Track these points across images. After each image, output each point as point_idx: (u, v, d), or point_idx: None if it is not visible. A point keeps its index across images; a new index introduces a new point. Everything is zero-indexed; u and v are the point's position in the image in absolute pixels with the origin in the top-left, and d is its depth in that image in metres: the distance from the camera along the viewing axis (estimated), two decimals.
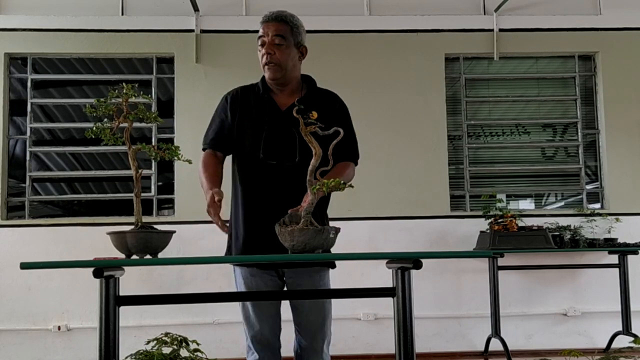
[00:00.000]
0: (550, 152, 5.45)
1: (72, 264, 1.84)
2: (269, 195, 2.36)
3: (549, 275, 4.95)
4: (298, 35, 2.44)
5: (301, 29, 2.46)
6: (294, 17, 2.46)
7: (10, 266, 4.57)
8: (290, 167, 2.35)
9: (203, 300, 2.14)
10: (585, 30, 5.27)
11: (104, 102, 1.82)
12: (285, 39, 2.39)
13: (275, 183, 2.36)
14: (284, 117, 2.40)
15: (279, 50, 2.38)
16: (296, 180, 2.26)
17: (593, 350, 4.66)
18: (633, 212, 5.06)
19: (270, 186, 2.37)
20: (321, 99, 2.50)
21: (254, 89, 2.51)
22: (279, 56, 2.38)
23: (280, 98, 2.46)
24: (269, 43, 2.38)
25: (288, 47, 2.40)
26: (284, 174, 2.36)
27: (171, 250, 2.35)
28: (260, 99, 2.45)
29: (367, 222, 4.92)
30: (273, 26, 2.40)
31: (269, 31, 2.39)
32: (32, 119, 5.08)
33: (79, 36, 5.03)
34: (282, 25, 2.40)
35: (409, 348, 1.69)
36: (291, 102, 2.42)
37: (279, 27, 2.40)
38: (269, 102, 2.44)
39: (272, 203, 2.34)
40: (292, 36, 2.41)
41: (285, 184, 2.34)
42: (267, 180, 2.37)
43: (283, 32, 2.39)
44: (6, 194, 4.96)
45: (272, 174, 2.37)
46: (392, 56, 5.14)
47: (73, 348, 4.73)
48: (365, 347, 4.82)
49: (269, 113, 2.42)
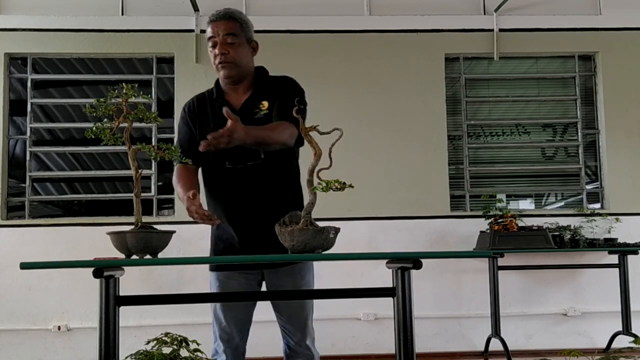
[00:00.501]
0: (550, 152, 5.45)
1: (72, 264, 1.84)
2: (242, 200, 2.36)
3: (549, 275, 4.95)
4: (248, 31, 2.41)
5: (250, 25, 2.43)
6: (241, 13, 2.44)
7: (10, 266, 4.57)
8: (256, 167, 2.35)
9: (203, 300, 2.14)
10: (585, 30, 5.27)
11: (103, 102, 1.82)
12: (237, 37, 2.36)
13: (245, 186, 2.35)
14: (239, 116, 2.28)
15: (232, 49, 2.35)
16: (264, 177, 2.33)
17: (593, 350, 4.66)
18: (633, 212, 5.06)
19: (241, 190, 2.36)
20: (273, 87, 2.45)
21: (208, 95, 2.48)
22: (233, 54, 2.35)
23: (234, 98, 2.42)
24: (221, 43, 2.34)
25: (240, 44, 2.37)
26: (251, 175, 2.35)
27: (171, 250, 2.34)
28: (215, 103, 2.42)
29: (367, 222, 4.92)
30: (223, 25, 2.35)
31: (219, 30, 2.35)
32: (32, 119, 5.08)
33: (79, 36, 5.03)
34: (232, 23, 2.36)
35: (409, 348, 1.69)
36: (245, 99, 2.40)
37: (229, 26, 2.35)
38: (221, 104, 2.37)
39: (247, 206, 2.35)
40: (242, 32, 2.38)
41: (255, 185, 2.34)
42: (237, 185, 2.36)
43: (234, 30, 2.36)
44: (6, 194, 4.96)
45: (240, 178, 2.35)
46: (392, 56, 5.14)
47: (73, 348, 4.73)
48: (365, 347, 4.82)
49: (220, 115, 2.30)
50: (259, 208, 2.35)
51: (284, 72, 2.54)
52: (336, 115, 4.59)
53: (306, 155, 1.97)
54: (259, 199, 2.35)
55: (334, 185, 1.75)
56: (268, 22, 4.99)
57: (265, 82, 2.45)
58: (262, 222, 2.27)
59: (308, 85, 2.51)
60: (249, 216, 2.36)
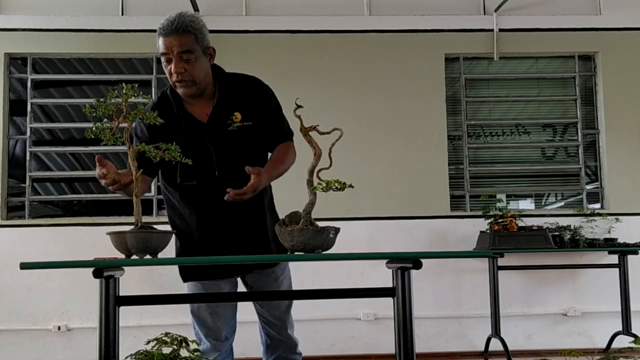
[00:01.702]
0: (550, 152, 5.45)
1: (72, 264, 1.84)
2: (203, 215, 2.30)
3: (549, 275, 4.95)
4: (203, 40, 2.21)
5: (204, 30, 2.23)
6: (194, 19, 2.21)
7: (10, 266, 4.57)
8: (211, 184, 2.25)
9: (203, 301, 2.14)
10: (585, 30, 5.27)
11: (103, 102, 1.81)
12: (193, 52, 2.16)
13: (202, 202, 2.29)
14: (206, 130, 2.25)
15: (189, 66, 2.16)
16: (219, 195, 2.13)
17: (593, 350, 4.66)
18: (633, 212, 5.06)
19: (199, 206, 2.30)
20: (238, 91, 2.31)
21: (166, 104, 2.28)
22: (190, 72, 2.17)
23: (198, 109, 2.29)
24: (176, 60, 2.14)
25: (197, 58, 2.18)
26: (206, 191, 2.27)
27: (171, 250, 2.35)
28: (176, 116, 2.27)
29: (367, 222, 4.92)
30: (176, 40, 2.14)
31: (173, 47, 2.14)
32: (32, 119, 5.08)
33: (79, 36, 5.03)
34: (185, 37, 2.15)
35: (409, 348, 1.69)
36: (210, 111, 2.27)
37: (182, 41, 2.14)
38: (186, 118, 2.27)
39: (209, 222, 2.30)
40: (198, 45, 2.19)
41: (212, 201, 2.25)
42: (193, 201, 2.30)
43: (188, 45, 2.15)
44: (6, 194, 4.96)
45: (194, 194, 2.29)
46: (392, 56, 5.14)
47: (73, 348, 4.73)
48: (365, 347, 4.82)
49: (189, 130, 2.26)
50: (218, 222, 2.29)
51: (284, 72, 2.54)
52: (336, 115, 4.60)
53: (306, 155, 1.97)
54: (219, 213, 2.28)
55: (334, 185, 1.75)
56: (268, 22, 4.99)
57: (227, 86, 2.31)
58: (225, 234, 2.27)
59: (308, 85, 2.51)
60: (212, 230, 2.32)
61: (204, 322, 2.42)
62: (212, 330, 2.42)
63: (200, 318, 2.42)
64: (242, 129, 2.27)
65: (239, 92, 2.31)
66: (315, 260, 2.34)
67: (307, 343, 2.91)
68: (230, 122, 2.27)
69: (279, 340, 2.49)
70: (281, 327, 2.47)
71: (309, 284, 2.64)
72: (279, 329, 2.47)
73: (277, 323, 2.46)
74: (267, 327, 2.48)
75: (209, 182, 2.26)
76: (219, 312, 2.41)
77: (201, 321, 2.42)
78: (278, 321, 2.46)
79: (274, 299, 2.48)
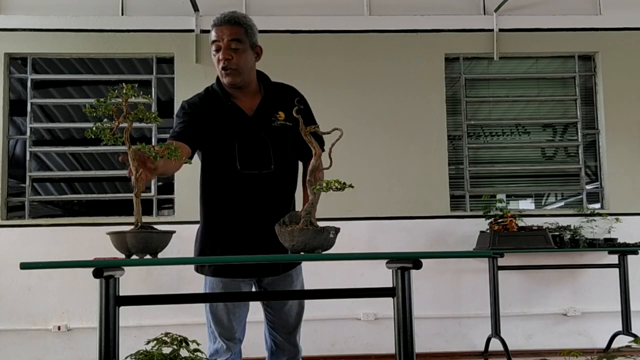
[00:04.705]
0: (550, 152, 5.45)
1: (72, 264, 1.84)
2: (251, 206, 2.34)
3: (549, 275, 4.95)
4: (253, 36, 2.35)
5: (254, 29, 2.37)
6: (246, 17, 2.37)
7: (10, 266, 4.56)
8: (267, 175, 2.33)
9: (203, 300, 2.14)
10: (585, 30, 5.27)
11: (103, 102, 1.81)
12: (242, 42, 2.30)
13: (256, 192, 2.34)
14: (252, 122, 2.35)
15: (236, 55, 2.30)
16: (275, 188, 2.32)
17: (593, 350, 4.67)
18: (633, 212, 5.06)
19: (252, 196, 2.34)
20: (282, 95, 2.42)
21: (213, 95, 2.41)
22: (236, 61, 2.30)
23: (244, 103, 2.39)
24: (224, 48, 2.29)
25: (245, 50, 2.32)
26: (262, 182, 2.33)
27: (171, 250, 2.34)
28: (224, 106, 2.37)
29: (367, 222, 4.92)
30: (227, 30, 2.29)
31: (224, 35, 2.29)
32: (32, 119, 5.08)
33: (79, 36, 5.03)
34: (236, 28, 2.30)
35: (409, 348, 1.69)
36: (255, 105, 2.38)
37: (233, 31, 2.30)
38: (233, 109, 2.37)
39: (255, 213, 2.34)
40: (247, 38, 2.33)
41: (265, 193, 2.33)
42: (248, 190, 2.34)
43: (238, 35, 2.30)
44: (6, 194, 4.96)
45: (251, 183, 2.33)
46: (392, 56, 5.14)
47: (73, 348, 4.73)
48: (365, 347, 4.82)
49: (237, 121, 2.36)
50: (266, 215, 2.32)
51: (284, 72, 2.56)
52: (336, 115, 4.59)
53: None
54: (267, 207, 2.34)
55: (334, 185, 1.75)
56: (268, 22, 4.99)
57: (272, 89, 2.43)
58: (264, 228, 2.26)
59: (308, 85, 2.52)
60: (254, 221, 2.34)
61: (220, 321, 2.41)
62: (227, 329, 2.42)
63: (217, 316, 2.41)
64: (285, 127, 2.33)
65: (283, 96, 2.40)
66: (315, 260, 2.34)
67: (307, 343, 2.91)
68: (274, 119, 2.33)
69: (285, 347, 2.49)
70: (290, 334, 2.47)
71: (309, 284, 2.63)
72: (286, 336, 2.47)
73: (285, 330, 2.46)
74: (275, 332, 2.48)
75: (265, 174, 2.33)
76: (236, 312, 2.41)
77: (217, 320, 2.42)
78: (287, 328, 2.46)
79: (274, 298, 2.47)
